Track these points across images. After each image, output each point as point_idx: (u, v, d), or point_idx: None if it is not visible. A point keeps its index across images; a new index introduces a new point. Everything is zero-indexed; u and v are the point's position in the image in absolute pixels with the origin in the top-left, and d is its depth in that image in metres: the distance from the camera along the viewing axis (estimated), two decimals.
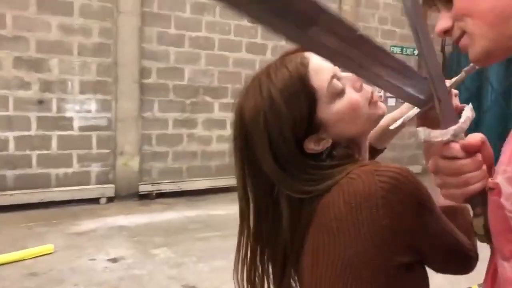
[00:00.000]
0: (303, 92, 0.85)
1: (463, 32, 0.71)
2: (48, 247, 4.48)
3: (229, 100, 7.41)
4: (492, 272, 0.71)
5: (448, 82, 0.84)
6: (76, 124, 6.24)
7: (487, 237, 0.69)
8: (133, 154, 6.62)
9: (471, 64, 0.80)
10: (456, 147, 0.69)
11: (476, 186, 0.69)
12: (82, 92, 6.24)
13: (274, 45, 7.75)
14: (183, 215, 6.08)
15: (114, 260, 4.40)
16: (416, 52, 9.52)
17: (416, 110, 0.87)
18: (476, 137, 0.71)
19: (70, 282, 3.86)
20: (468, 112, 0.71)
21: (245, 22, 7.41)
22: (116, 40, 6.33)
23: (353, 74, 0.90)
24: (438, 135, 0.69)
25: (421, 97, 0.79)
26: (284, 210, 0.87)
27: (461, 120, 0.70)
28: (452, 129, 0.68)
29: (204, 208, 6.49)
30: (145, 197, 6.75)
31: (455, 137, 0.69)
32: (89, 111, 6.32)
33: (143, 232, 5.31)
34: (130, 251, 4.67)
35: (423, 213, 0.79)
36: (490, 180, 0.64)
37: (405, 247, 0.79)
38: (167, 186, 6.91)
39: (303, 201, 0.86)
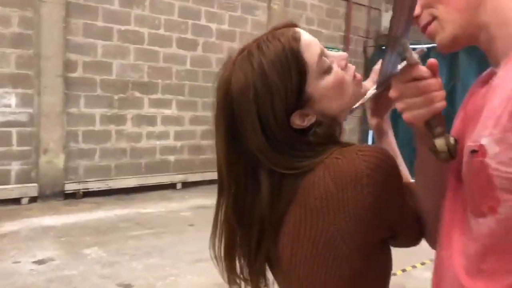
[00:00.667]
0: (294, 65, 0.85)
1: (433, 19, 0.77)
2: None
3: (159, 96, 7.29)
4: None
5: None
6: None
7: (450, 155, 0.75)
8: (57, 151, 6.30)
9: (421, 47, 0.86)
10: (423, 68, 0.75)
11: (440, 104, 0.75)
12: (0, 85, 5.83)
13: (205, 41, 7.73)
14: (113, 214, 5.89)
15: (40, 262, 4.16)
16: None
17: (372, 91, 0.94)
18: (433, 60, 0.77)
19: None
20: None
21: (175, 17, 7.33)
22: (39, 30, 5.98)
23: (340, 53, 0.95)
24: (414, 53, 0.74)
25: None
26: (264, 185, 0.87)
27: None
28: (414, 52, 0.74)
29: (134, 206, 6.33)
30: (71, 196, 6.45)
31: (416, 55, 0.75)
32: (8, 106, 5.92)
33: (71, 232, 5.07)
34: (58, 252, 4.45)
35: (401, 192, 0.85)
36: (471, 144, 0.71)
37: (384, 224, 0.84)
38: (94, 185, 6.65)
39: (285, 177, 0.86)
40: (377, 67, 0.98)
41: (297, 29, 0.90)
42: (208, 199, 6.92)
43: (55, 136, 6.25)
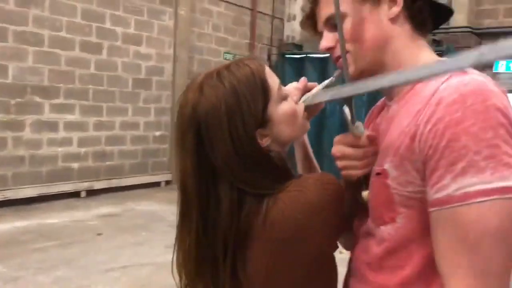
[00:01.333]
0: (261, 87, 0.96)
1: (346, 52, 0.94)
2: None
3: (62, 100, 6.98)
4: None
5: (320, 85, 1.08)
6: None
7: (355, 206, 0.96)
8: None
9: (337, 73, 1.05)
10: (365, 138, 0.93)
11: (370, 167, 0.93)
12: None
13: (110, 45, 7.55)
14: (12, 226, 5.55)
15: None
16: None
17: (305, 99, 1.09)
18: (372, 132, 0.97)
19: None
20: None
21: (78, 19, 7.08)
22: None
23: (295, 86, 1.08)
24: (360, 124, 0.93)
25: None
26: (225, 200, 0.94)
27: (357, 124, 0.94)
28: (361, 123, 0.93)
29: (36, 217, 6.01)
30: None
31: (363, 128, 0.93)
32: None
33: None
34: None
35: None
36: (376, 167, 0.90)
37: (342, 231, 1.01)
38: None
39: (246, 195, 0.94)
40: (301, 85, 1.11)
41: (261, 61, 1.03)
42: (115, 207, 6.82)
43: None
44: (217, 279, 0.98)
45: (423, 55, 0.94)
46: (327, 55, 1.94)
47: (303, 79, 1.12)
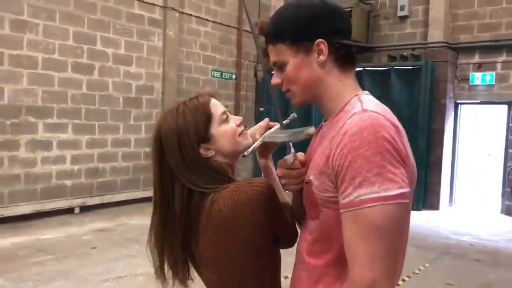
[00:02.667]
0: (204, 112, 1.33)
1: (288, 90, 1.25)
2: None
3: (55, 120, 7.24)
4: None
5: (278, 125, 1.40)
6: None
7: (303, 207, 1.26)
8: None
9: (291, 116, 1.38)
10: (297, 163, 1.25)
11: (304, 182, 1.23)
12: None
13: (102, 65, 7.84)
14: (9, 242, 5.75)
15: None
16: (234, 76, 10.56)
17: (259, 143, 1.40)
18: (303, 156, 1.28)
19: None
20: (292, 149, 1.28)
21: (70, 42, 7.36)
22: None
23: (238, 117, 1.41)
24: (291, 156, 1.25)
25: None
26: (176, 197, 1.30)
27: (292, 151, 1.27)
28: (292, 154, 1.26)
29: (32, 233, 6.22)
30: None
31: (294, 156, 1.25)
32: None
33: None
34: None
35: (278, 208, 1.30)
36: (306, 177, 1.20)
37: (270, 229, 1.28)
38: None
39: (193, 194, 1.29)
40: (263, 124, 1.45)
41: (210, 97, 1.38)
42: (108, 222, 7.05)
43: None
44: (176, 258, 1.35)
45: (347, 93, 1.23)
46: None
47: (266, 120, 1.46)
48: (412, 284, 4.89)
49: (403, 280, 4.94)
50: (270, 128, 1.43)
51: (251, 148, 1.38)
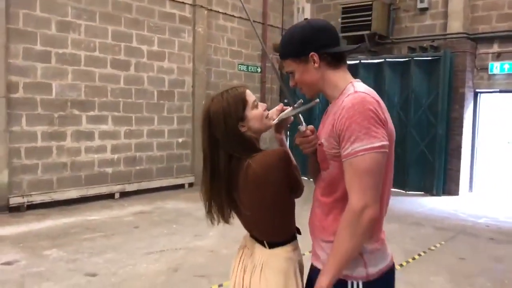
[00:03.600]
0: (242, 100, 1.84)
1: (300, 86, 1.77)
2: None
3: (96, 112, 7.88)
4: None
5: (290, 108, 1.89)
6: None
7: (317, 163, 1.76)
8: (1, 167, 6.68)
9: (299, 101, 1.87)
10: (308, 131, 1.74)
11: (316, 146, 1.74)
12: None
13: (137, 61, 8.44)
14: (62, 222, 6.41)
15: (8, 264, 4.69)
16: (259, 69, 11.06)
17: (283, 116, 1.91)
18: (312, 127, 1.78)
19: None
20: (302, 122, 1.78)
21: (109, 40, 7.98)
22: None
23: (264, 104, 1.92)
24: (303, 127, 1.75)
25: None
26: (221, 160, 1.81)
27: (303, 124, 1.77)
28: (304, 126, 1.75)
29: (80, 214, 6.87)
30: (16, 209, 6.84)
31: (306, 127, 1.75)
32: None
33: (27, 239, 5.57)
34: (20, 255, 4.97)
35: (292, 167, 1.82)
36: (319, 141, 1.69)
37: (288, 183, 1.81)
38: (38, 197, 7.08)
39: (232, 158, 1.80)
40: (279, 108, 1.95)
41: (246, 88, 1.90)
42: (146, 206, 7.66)
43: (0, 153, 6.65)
44: (221, 202, 1.87)
45: (341, 82, 1.72)
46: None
47: (280, 104, 1.97)
48: (427, 258, 5.32)
49: (419, 255, 5.38)
50: (283, 111, 1.93)
51: (277, 119, 1.89)
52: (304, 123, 1.78)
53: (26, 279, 4.29)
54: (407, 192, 9.62)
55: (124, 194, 8.24)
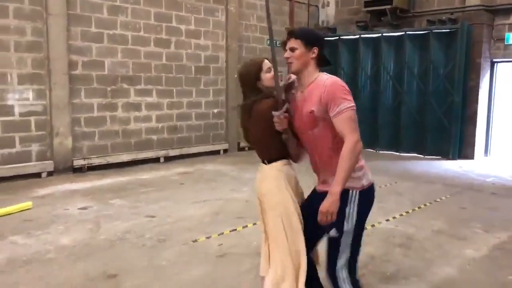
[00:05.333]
0: (259, 67, 2.71)
1: (293, 61, 2.61)
2: (27, 204, 5.73)
3: (142, 86, 8.92)
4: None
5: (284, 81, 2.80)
6: (16, 110, 7.29)
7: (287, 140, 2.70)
8: (66, 134, 7.84)
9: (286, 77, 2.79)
10: (282, 115, 2.59)
11: (286, 123, 2.61)
12: (20, 83, 7.29)
13: (177, 40, 9.39)
14: (119, 180, 7.55)
15: (84, 208, 5.82)
16: None
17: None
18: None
19: (59, 222, 5.23)
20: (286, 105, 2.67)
21: (152, 21, 8.94)
22: (47, 38, 7.46)
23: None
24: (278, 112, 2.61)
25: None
26: (247, 101, 2.74)
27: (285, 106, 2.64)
28: (284, 108, 2.61)
29: (132, 175, 7.99)
30: (79, 170, 8.02)
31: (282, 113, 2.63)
32: (27, 99, 7.40)
33: (93, 192, 6.70)
34: (92, 203, 6.10)
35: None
36: (311, 108, 2.51)
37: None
38: (96, 160, 8.24)
39: (253, 100, 2.72)
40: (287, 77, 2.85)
41: (266, 59, 2.80)
42: (188, 167, 8.73)
43: (64, 123, 7.78)
44: (245, 130, 2.85)
45: (315, 74, 2.54)
46: (357, 36, 9.61)
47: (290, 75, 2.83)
48: (431, 207, 6.17)
49: (425, 205, 6.23)
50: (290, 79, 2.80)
51: (282, 83, 2.77)
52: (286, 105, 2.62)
53: (100, 219, 5.39)
54: (425, 156, 10.38)
55: (168, 159, 9.34)
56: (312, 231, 2.69)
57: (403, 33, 10.61)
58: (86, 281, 3.69)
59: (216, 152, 10.34)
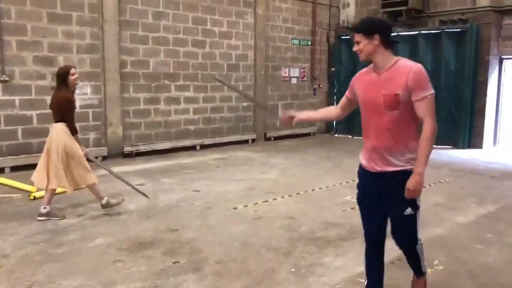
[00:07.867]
0: (67, 70, 5.55)
1: (361, 52, 3.23)
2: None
3: (181, 82, 10.08)
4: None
5: None
6: (77, 104, 8.51)
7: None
8: (118, 124, 9.05)
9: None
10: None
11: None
12: (80, 80, 8.49)
13: (211, 41, 10.51)
14: (164, 164, 8.73)
15: (141, 184, 6.98)
16: (309, 43, 12.85)
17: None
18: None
19: (123, 195, 6.39)
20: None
21: (190, 24, 10.08)
22: (103, 41, 8.67)
23: None
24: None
25: None
26: None
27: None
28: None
29: (174, 159, 9.17)
30: (128, 155, 9.24)
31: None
32: (85, 94, 8.63)
33: (144, 173, 7.89)
34: (144, 181, 7.27)
35: None
36: (395, 92, 2.71)
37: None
38: (142, 147, 9.46)
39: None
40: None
41: (72, 67, 4.41)
42: (222, 154, 9.92)
43: (116, 114, 9.00)
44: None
45: (389, 57, 2.76)
46: None
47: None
48: (435, 187, 7.14)
49: (429, 185, 7.21)
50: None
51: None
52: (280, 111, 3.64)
53: (157, 192, 6.55)
54: (436, 146, 11.26)
55: (203, 147, 10.50)
56: (384, 214, 2.98)
57: (417, 32, 11.51)
58: (156, 232, 4.84)
59: (245, 142, 11.45)
